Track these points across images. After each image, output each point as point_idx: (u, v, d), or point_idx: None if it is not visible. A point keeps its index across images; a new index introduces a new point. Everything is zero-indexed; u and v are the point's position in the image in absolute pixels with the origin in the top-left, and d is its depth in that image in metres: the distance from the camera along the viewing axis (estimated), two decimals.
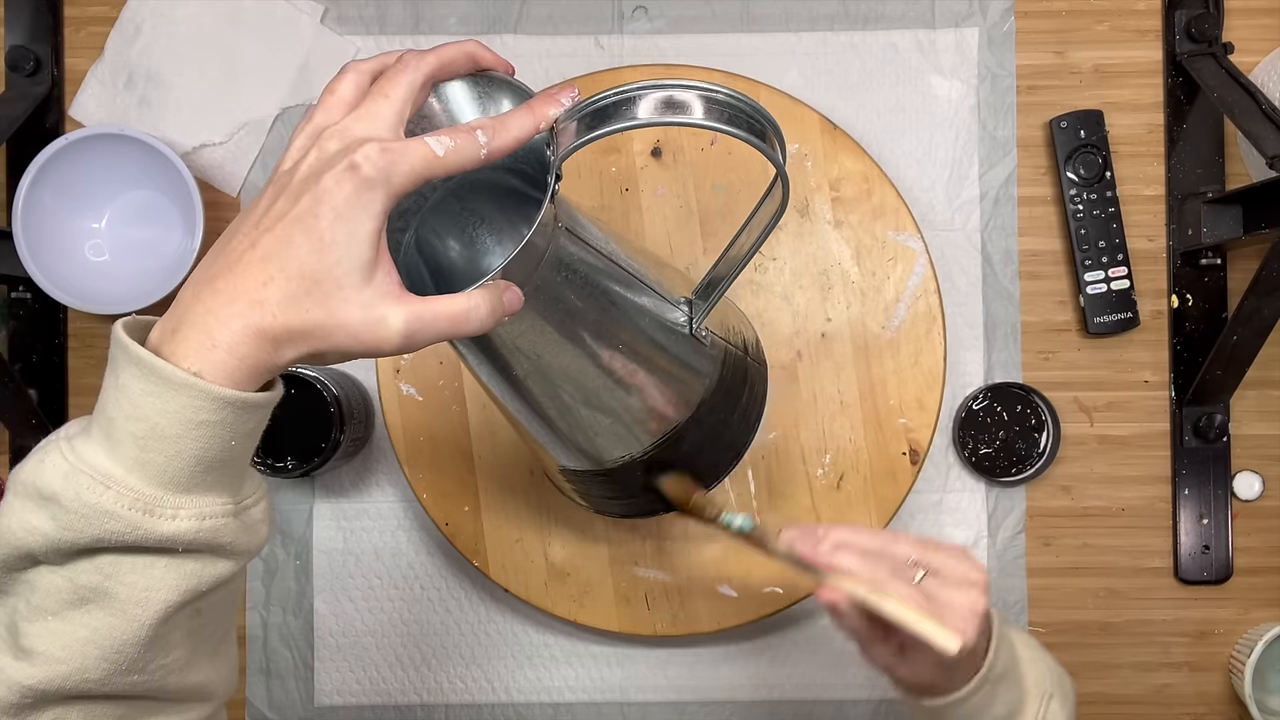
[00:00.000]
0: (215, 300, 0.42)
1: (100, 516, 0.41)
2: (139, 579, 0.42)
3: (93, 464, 0.41)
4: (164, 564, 0.43)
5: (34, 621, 0.42)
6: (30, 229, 0.81)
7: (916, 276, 0.83)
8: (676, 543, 0.83)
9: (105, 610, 0.42)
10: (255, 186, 0.88)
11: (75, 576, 0.42)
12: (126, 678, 0.43)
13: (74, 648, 0.42)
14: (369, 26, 0.88)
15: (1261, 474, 0.86)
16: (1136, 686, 0.86)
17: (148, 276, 0.84)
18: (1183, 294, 0.86)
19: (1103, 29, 0.87)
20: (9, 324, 0.88)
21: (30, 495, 0.42)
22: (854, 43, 0.87)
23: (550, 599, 0.83)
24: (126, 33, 0.88)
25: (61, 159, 0.81)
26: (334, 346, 0.43)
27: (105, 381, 0.43)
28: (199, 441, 0.41)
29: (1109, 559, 0.86)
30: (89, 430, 0.43)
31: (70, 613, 0.42)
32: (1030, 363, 0.86)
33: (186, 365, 0.41)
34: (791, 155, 0.83)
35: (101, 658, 0.42)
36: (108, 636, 0.42)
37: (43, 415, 0.86)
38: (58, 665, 0.42)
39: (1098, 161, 0.85)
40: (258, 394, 0.43)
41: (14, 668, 0.42)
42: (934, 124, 0.87)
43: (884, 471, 0.82)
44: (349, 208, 0.41)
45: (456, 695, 0.87)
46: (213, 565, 0.44)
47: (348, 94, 0.45)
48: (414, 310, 0.43)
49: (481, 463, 0.83)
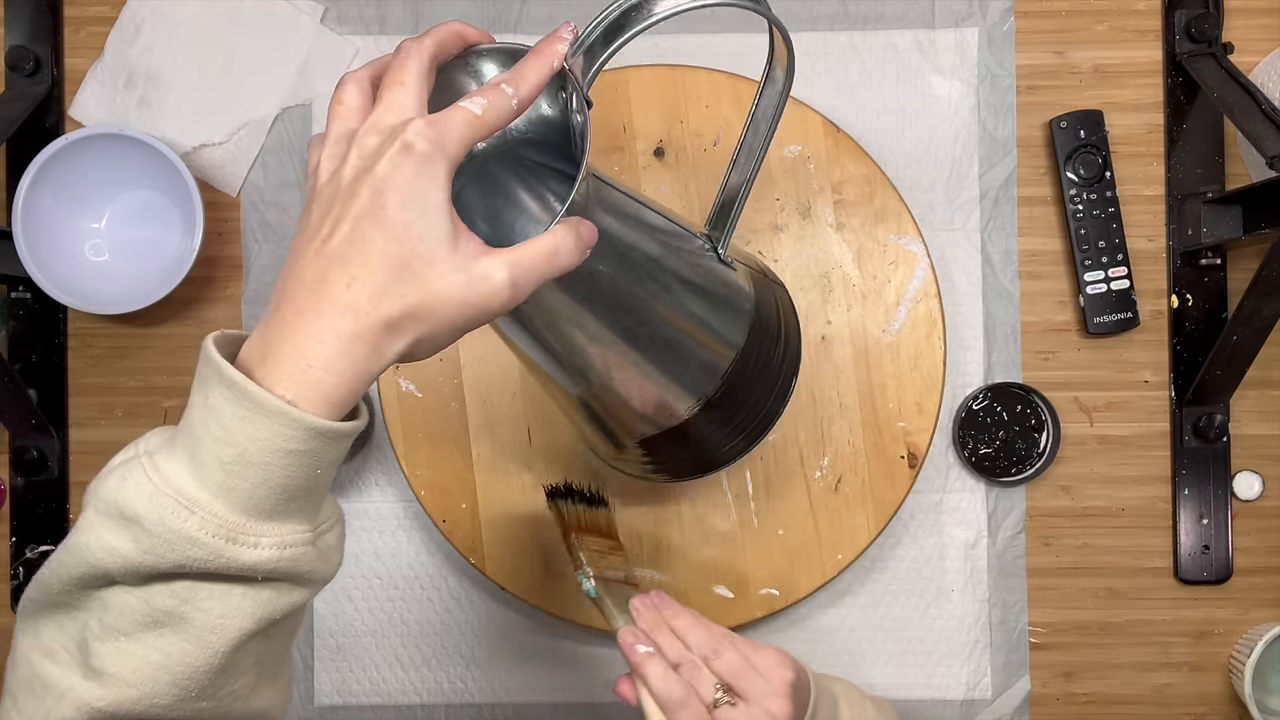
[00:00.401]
0: (302, 320, 0.41)
1: (183, 543, 0.40)
2: (215, 606, 0.42)
3: (177, 486, 0.40)
4: (241, 592, 0.42)
5: (106, 641, 0.42)
6: (30, 229, 0.81)
7: (917, 280, 0.83)
8: (673, 544, 0.83)
9: (179, 635, 0.41)
10: (255, 186, 0.88)
11: (151, 599, 0.41)
12: (195, 704, 0.42)
13: (145, 671, 0.41)
14: (369, 26, 0.88)
15: (1261, 474, 0.86)
16: (1136, 686, 0.86)
17: (148, 276, 0.84)
18: (1183, 294, 0.86)
19: (1103, 29, 0.87)
20: (9, 324, 0.88)
21: (112, 515, 0.41)
22: (854, 43, 0.87)
23: (546, 597, 0.83)
24: (126, 33, 0.88)
25: (61, 159, 0.81)
26: (442, 323, 0.42)
27: (193, 398, 0.42)
28: (286, 470, 0.41)
29: (1109, 559, 0.86)
30: (173, 447, 0.42)
31: (144, 635, 0.42)
32: (1030, 363, 0.86)
33: (280, 392, 0.40)
34: (794, 157, 0.83)
35: (172, 683, 0.42)
36: (180, 662, 0.42)
37: (42, 415, 0.86)
38: (128, 689, 0.41)
39: (1098, 161, 0.85)
40: (345, 424, 0.42)
41: (84, 687, 0.41)
42: (934, 124, 0.87)
43: (882, 474, 0.82)
44: (414, 186, 0.41)
45: (456, 695, 0.87)
46: (289, 594, 0.43)
47: (356, 100, 0.45)
48: (511, 258, 0.43)
49: (480, 460, 0.83)
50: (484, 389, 0.83)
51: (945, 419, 0.85)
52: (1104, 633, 0.86)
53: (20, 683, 0.43)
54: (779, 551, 0.82)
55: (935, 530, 0.86)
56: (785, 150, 0.83)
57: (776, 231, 0.83)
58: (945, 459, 0.86)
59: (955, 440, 0.85)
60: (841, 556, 0.82)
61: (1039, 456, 0.85)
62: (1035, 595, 0.86)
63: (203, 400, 0.41)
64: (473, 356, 0.83)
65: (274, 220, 0.88)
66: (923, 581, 0.86)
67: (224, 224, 0.88)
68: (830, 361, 0.83)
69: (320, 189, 0.43)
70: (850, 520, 0.82)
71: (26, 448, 0.87)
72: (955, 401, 0.85)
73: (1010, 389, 0.85)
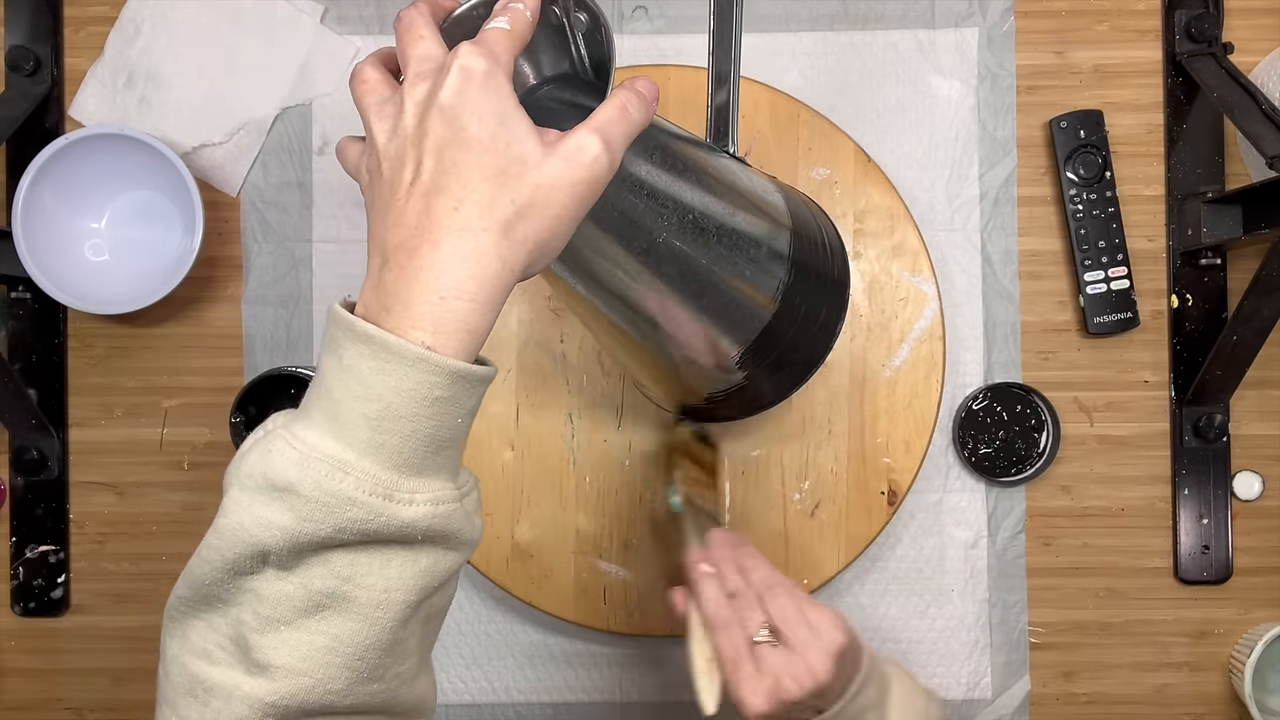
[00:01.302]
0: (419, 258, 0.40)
1: (342, 504, 0.39)
2: (377, 580, 0.41)
3: (324, 450, 0.40)
4: (400, 560, 0.41)
5: (266, 634, 0.40)
6: (30, 229, 0.81)
7: (925, 320, 0.82)
8: (643, 543, 0.83)
9: (344, 616, 0.40)
10: (255, 186, 0.88)
11: (309, 582, 0.40)
12: (367, 686, 0.42)
13: (316, 658, 0.40)
14: (369, 26, 0.88)
15: (1261, 474, 0.86)
16: (1136, 686, 0.86)
17: (148, 276, 0.84)
18: (1183, 294, 0.86)
19: (1103, 29, 0.87)
20: (9, 324, 0.88)
21: (262, 489, 0.40)
22: (854, 43, 0.87)
23: (510, 578, 0.82)
24: (126, 33, 0.88)
25: (61, 159, 0.81)
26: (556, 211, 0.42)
27: (324, 364, 0.41)
28: (433, 420, 0.40)
29: (1109, 559, 0.86)
30: (309, 415, 0.41)
31: (306, 621, 0.40)
32: (1030, 363, 0.86)
33: (416, 336, 0.40)
34: (822, 180, 0.83)
35: (344, 666, 0.41)
36: (349, 643, 0.41)
37: (43, 415, 0.86)
38: (300, 678, 0.40)
39: (1098, 161, 0.85)
40: (482, 368, 0.42)
41: (251, 684, 0.40)
42: (934, 124, 0.87)
43: (860, 507, 0.82)
44: (486, 101, 0.41)
45: (456, 695, 0.87)
46: (444, 558, 0.43)
47: (377, 74, 0.46)
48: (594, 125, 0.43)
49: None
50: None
51: (945, 419, 0.85)
52: (1104, 633, 0.86)
53: (178, 689, 0.42)
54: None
55: (935, 530, 0.86)
56: (814, 171, 0.83)
57: None
58: (945, 459, 0.86)
59: (955, 440, 0.85)
60: (807, 582, 0.82)
61: (1039, 456, 0.85)
62: (1035, 595, 0.86)
63: (336, 363, 0.40)
64: None
65: (274, 220, 0.88)
66: (922, 581, 0.86)
67: (224, 224, 0.88)
68: (826, 387, 0.82)
69: (384, 149, 0.43)
70: (821, 548, 0.82)
71: (26, 448, 0.87)
72: (955, 401, 0.85)
73: (1010, 389, 0.85)
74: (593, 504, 0.83)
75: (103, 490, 0.88)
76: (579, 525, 0.82)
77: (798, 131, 0.83)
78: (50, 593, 0.88)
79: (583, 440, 0.83)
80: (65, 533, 0.88)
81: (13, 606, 0.88)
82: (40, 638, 0.89)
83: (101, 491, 0.88)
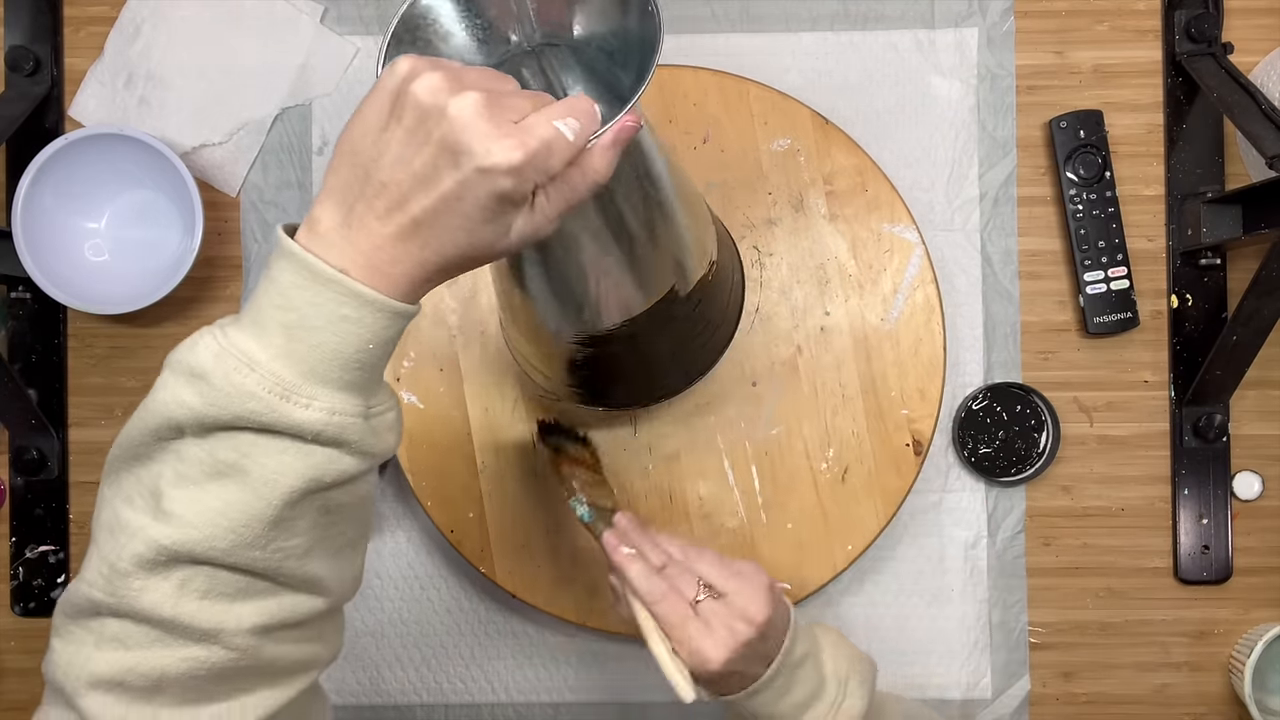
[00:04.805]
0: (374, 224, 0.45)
1: (243, 396, 0.45)
2: (270, 461, 0.46)
3: (241, 348, 0.45)
4: (294, 451, 0.46)
5: (177, 487, 0.46)
6: (30, 229, 0.81)
7: (913, 268, 0.83)
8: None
9: (238, 485, 0.46)
10: (255, 186, 0.88)
11: (215, 451, 0.46)
12: (249, 552, 0.46)
13: (207, 516, 0.46)
14: (369, 26, 0.88)
15: (1261, 474, 0.86)
16: (1136, 686, 0.86)
17: (148, 276, 0.84)
18: (1182, 294, 0.86)
19: (1103, 29, 0.87)
20: (9, 324, 0.88)
21: (183, 373, 0.45)
22: (854, 43, 0.87)
23: (558, 604, 0.83)
24: (126, 33, 0.88)
25: (61, 159, 0.81)
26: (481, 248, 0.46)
27: (260, 276, 0.48)
28: (338, 335, 0.45)
29: (1109, 559, 0.86)
30: (239, 318, 0.47)
31: (208, 484, 0.46)
32: (1030, 363, 0.86)
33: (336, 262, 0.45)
34: (784, 150, 0.83)
35: (230, 529, 0.46)
36: (238, 510, 0.46)
37: (42, 415, 0.86)
38: (191, 530, 0.45)
39: (1097, 161, 0.85)
40: (396, 302, 0.46)
41: (154, 527, 0.46)
42: (933, 124, 0.87)
43: (888, 463, 0.82)
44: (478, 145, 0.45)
45: (456, 695, 0.87)
46: (338, 460, 0.47)
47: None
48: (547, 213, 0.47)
49: (485, 469, 0.83)
50: (485, 397, 0.83)
51: (945, 418, 0.85)
52: (1104, 633, 0.86)
53: (102, 526, 0.48)
54: (788, 545, 0.82)
55: (935, 530, 0.86)
56: (774, 144, 0.83)
57: (770, 225, 0.83)
58: (945, 459, 0.86)
59: (955, 440, 0.85)
60: (851, 547, 0.82)
61: (1039, 456, 0.85)
62: (1035, 595, 0.86)
63: (267, 274, 0.46)
64: (473, 365, 0.83)
65: (274, 220, 0.88)
66: (923, 581, 0.86)
67: (224, 224, 0.88)
68: (830, 353, 0.83)
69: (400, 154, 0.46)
70: (858, 511, 0.82)
71: (26, 448, 0.87)
72: (955, 401, 0.85)
73: (1010, 389, 0.85)
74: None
75: None
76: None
77: (750, 108, 0.84)
78: (50, 593, 0.88)
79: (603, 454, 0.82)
80: (65, 533, 0.88)
81: (13, 606, 0.88)
82: (40, 638, 0.88)
83: None
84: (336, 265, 0.45)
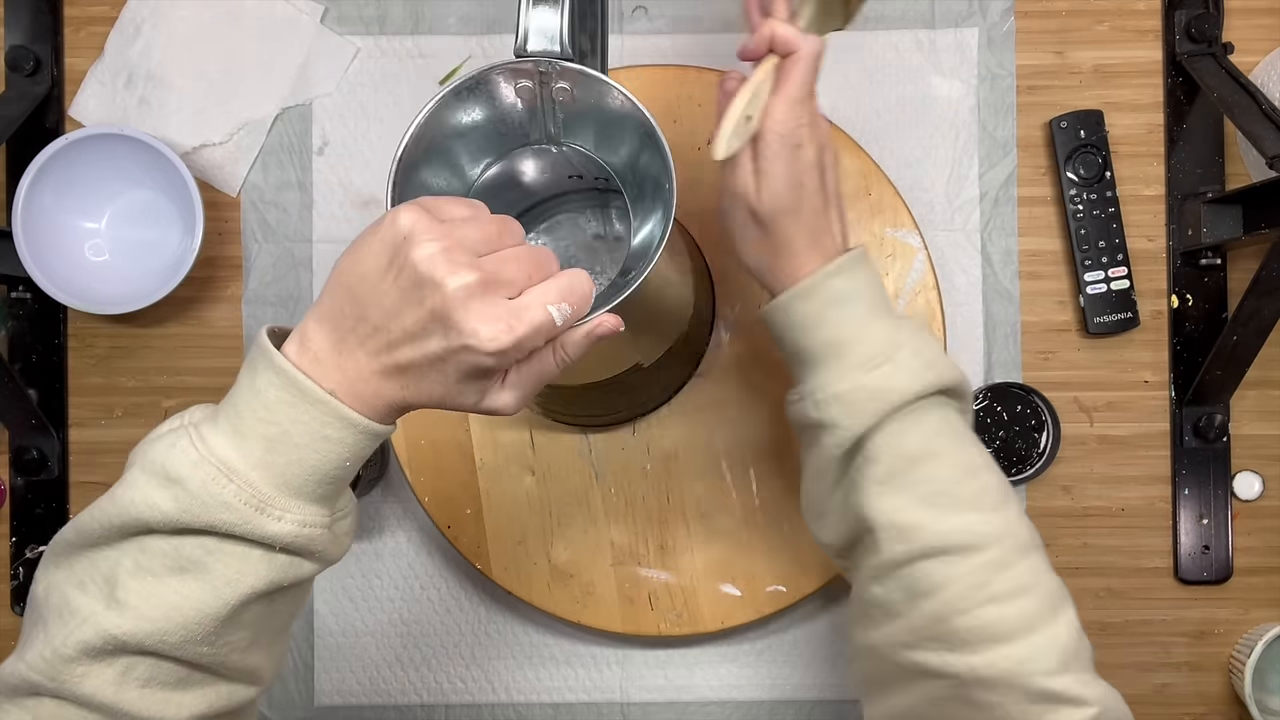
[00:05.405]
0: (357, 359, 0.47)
1: (218, 506, 0.46)
2: (235, 563, 0.47)
3: (220, 456, 0.46)
4: (258, 558, 0.47)
5: (135, 578, 0.46)
6: (30, 229, 0.81)
7: (915, 273, 0.83)
8: (679, 543, 0.83)
9: (198, 582, 0.46)
10: (255, 186, 0.88)
11: (180, 548, 0.46)
12: (197, 648, 0.47)
13: (162, 610, 0.46)
14: (369, 26, 0.88)
15: (1261, 474, 0.86)
16: (1136, 686, 0.86)
17: (148, 276, 0.84)
18: (1183, 294, 0.86)
19: (1103, 29, 0.87)
20: (9, 324, 0.88)
21: (158, 475, 0.46)
22: (854, 43, 0.87)
23: (553, 601, 0.83)
24: (126, 33, 0.88)
25: (61, 159, 0.81)
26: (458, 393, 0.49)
27: (241, 380, 0.48)
28: (319, 453, 0.47)
29: (1109, 559, 0.86)
30: (216, 421, 0.48)
31: (168, 577, 0.46)
32: (1030, 363, 0.86)
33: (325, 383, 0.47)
34: None
35: (183, 624, 0.46)
36: (194, 605, 0.46)
37: (42, 415, 0.86)
38: (144, 622, 0.46)
39: (1098, 161, 0.85)
40: (379, 425, 0.48)
41: (105, 616, 0.46)
42: (934, 124, 0.87)
43: None
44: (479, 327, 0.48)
45: (456, 695, 0.87)
46: (299, 566, 0.49)
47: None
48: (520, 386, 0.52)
49: (484, 467, 0.83)
50: None
51: None
52: (1104, 633, 0.86)
53: (52, 610, 0.48)
54: (785, 547, 0.82)
55: None
56: None
57: None
58: None
59: None
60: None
61: (1039, 456, 0.85)
62: None
63: (251, 383, 0.47)
64: None
65: (274, 220, 0.88)
66: None
67: (224, 224, 0.88)
68: None
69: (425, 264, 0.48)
70: None
71: (26, 448, 0.87)
72: None
73: (1010, 389, 0.85)
74: (622, 514, 0.82)
75: (103, 490, 0.88)
76: (613, 538, 0.82)
77: None
78: None
79: (600, 452, 0.83)
80: None
81: (13, 606, 0.88)
82: None
83: (101, 492, 0.88)
84: (326, 388, 0.47)
